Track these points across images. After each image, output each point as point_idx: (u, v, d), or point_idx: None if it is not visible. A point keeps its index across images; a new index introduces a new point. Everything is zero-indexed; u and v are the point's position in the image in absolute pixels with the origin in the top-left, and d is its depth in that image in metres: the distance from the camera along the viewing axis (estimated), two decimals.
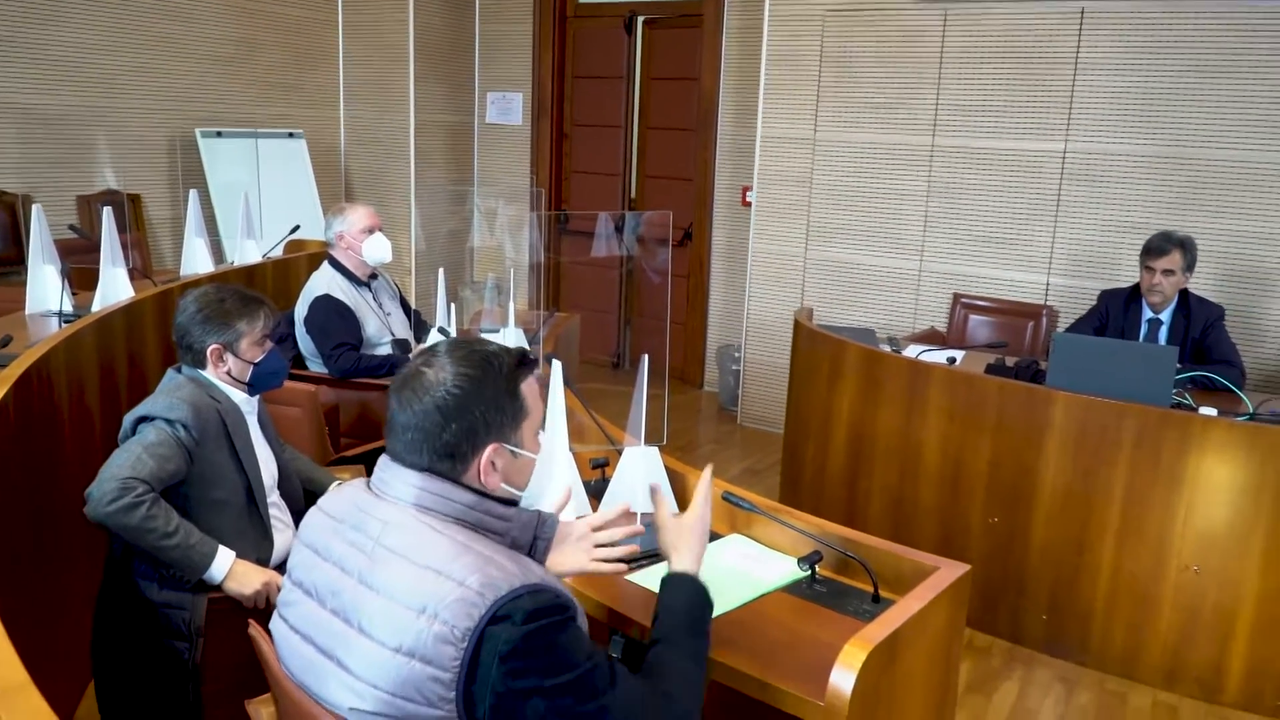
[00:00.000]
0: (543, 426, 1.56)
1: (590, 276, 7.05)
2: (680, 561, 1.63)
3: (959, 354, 4.07)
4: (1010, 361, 3.83)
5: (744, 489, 2.16)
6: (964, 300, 4.95)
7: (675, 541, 1.65)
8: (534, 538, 1.53)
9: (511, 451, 1.49)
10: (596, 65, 6.84)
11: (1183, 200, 4.54)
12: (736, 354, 6.00)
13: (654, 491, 1.75)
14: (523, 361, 1.51)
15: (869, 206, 5.32)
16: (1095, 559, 3.29)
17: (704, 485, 1.73)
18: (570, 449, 2.35)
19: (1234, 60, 4.37)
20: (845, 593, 1.94)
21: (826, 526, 2.05)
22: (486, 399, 1.44)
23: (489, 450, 1.45)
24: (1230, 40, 4.36)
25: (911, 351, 4.04)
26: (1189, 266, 3.94)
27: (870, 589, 1.91)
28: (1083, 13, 4.64)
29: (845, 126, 5.33)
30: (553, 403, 2.31)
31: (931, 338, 4.70)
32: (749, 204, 5.83)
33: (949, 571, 1.82)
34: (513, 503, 1.52)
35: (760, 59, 5.55)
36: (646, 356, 2.28)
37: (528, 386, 1.51)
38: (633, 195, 6.95)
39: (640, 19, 6.66)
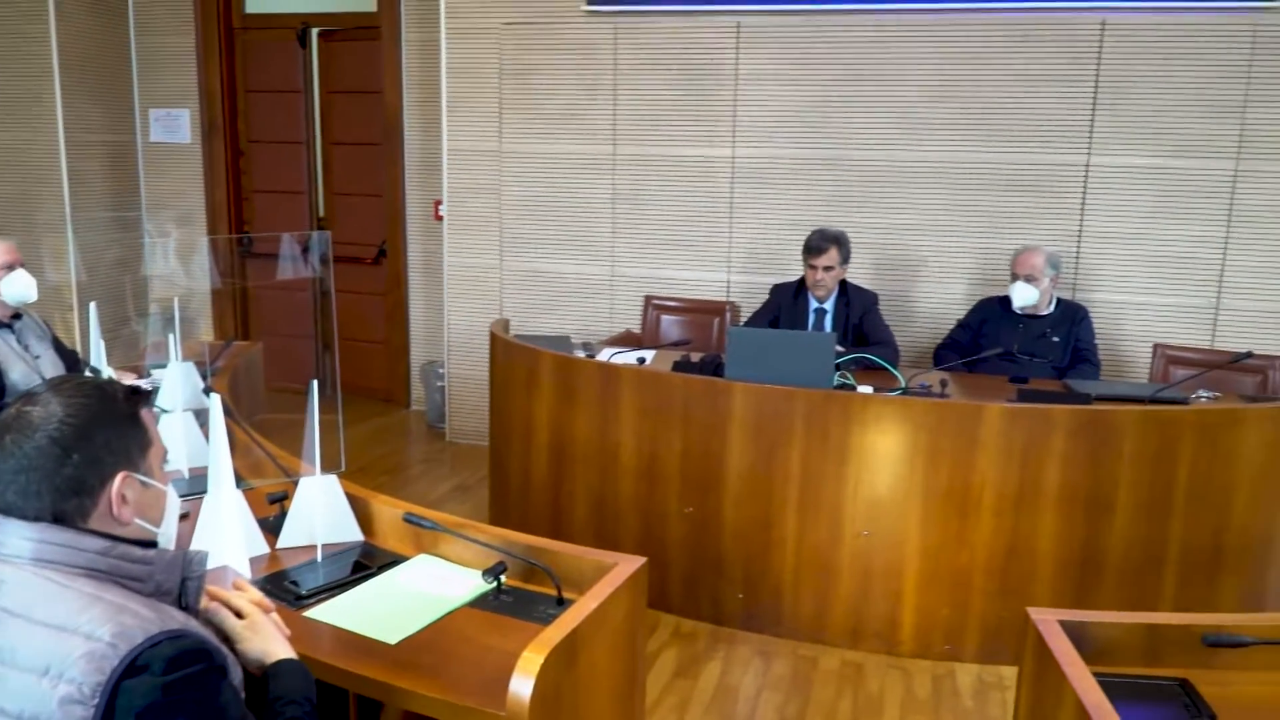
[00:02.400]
0: (165, 459, 1.47)
1: (282, 301, 6.69)
2: (277, 653, 1.55)
3: (649, 354, 4.22)
4: (695, 357, 4.02)
5: (453, 506, 2.14)
6: (655, 302, 5.15)
7: (258, 638, 1.56)
8: (183, 579, 1.41)
9: (141, 481, 1.38)
10: (271, 79, 6.50)
11: (839, 197, 4.97)
12: (440, 370, 5.91)
13: (214, 611, 1.59)
14: (136, 390, 1.43)
15: (559, 215, 5.41)
16: (780, 535, 3.52)
17: (243, 598, 1.62)
18: (240, 486, 2.21)
19: (875, 68, 4.83)
20: (531, 600, 1.95)
21: (511, 536, 2.06)
22: (107, 426, 1.35)
23: (118, 481, 1.35)
24: (871, 50, 4.82)
25: (605, 355, 4.14)
26: (845, 259, 4.32)
27: (555, 593, 1.93)
28: (739, 27, 4.97)
29: (530, 137, 5.39)
30: (214, 438, 2.16)
31: (627, 340, 4.85)
32: (441, 218, 5.76)
33: (626, 566, 1.88)
34: (151, 544, 1.41)
35: (441, 71, 5.50)
36: (315, 381, 2.19)
37: (147, 415, 1.43)
38: (321, 214, 6.68)
39: (314, 30, 6.41)
